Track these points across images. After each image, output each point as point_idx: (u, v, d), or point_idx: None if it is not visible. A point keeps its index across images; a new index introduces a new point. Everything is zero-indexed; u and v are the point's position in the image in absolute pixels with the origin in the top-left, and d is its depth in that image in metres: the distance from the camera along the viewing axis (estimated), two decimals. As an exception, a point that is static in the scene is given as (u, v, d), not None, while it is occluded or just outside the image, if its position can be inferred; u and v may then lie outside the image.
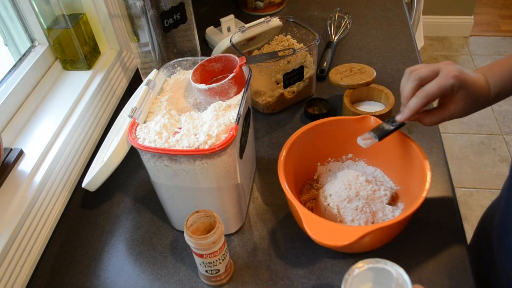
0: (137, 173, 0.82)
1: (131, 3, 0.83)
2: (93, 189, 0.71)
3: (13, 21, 0.85)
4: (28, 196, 0.66)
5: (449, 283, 0.61)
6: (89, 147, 0.84)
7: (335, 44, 1.05)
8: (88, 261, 0.69)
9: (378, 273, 0.49)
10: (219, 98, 0.65)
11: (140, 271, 0.67)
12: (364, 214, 0.64)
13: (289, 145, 0.66)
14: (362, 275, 0.49)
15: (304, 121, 0.90)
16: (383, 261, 0.49)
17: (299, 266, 0.55)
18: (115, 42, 0.96)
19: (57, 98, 0.84)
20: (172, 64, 0.72)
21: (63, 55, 0.88)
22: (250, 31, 0.91)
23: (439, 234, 0.67)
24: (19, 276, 0.63)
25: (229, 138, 0.56)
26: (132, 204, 0.77)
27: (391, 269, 0.48)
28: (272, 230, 0.70)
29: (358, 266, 0.49)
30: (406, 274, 0.47)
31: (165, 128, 0.60)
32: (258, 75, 0.87)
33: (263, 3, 1.21)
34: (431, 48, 2.68)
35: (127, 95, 0.97)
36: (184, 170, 0.59)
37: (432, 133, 0.83)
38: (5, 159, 0.69)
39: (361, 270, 0.49)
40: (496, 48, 2.64)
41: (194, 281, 0.65)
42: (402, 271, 0.48)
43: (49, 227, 0.71)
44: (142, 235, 0.72)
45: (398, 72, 0.99)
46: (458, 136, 2.12)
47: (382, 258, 0.49)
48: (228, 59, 0.69)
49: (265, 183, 0.78)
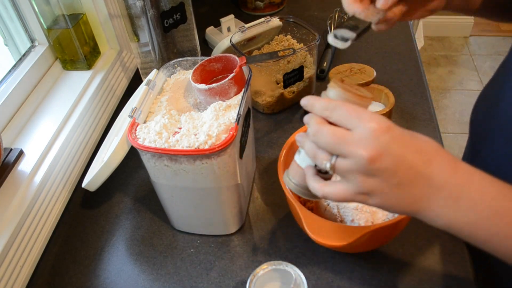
0: (137, 173, 0.82)
1: (131, 3, 0.83)
2: (93, 189, 0.71)
3: (13, 21, 0.85)
4: (28, 196, 0.66)
5: (450, 283, 0.61)
6: (89, 147, 0.84)
7: (335, 44, 1.05)
8: (88, 261, 0.69)
9: (281, 274, 0.55)
10: (219, 98, 0.65)
11: (140, 271, 0.67)
12: (364, 214, 0.64)
13: (289, 145, 0.66)
14: (267, 275, 0.55)
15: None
16: (285, 263, 0.55)
17: (299, 266, 0.55)
18: (115, 42, 0.96)
19: (57, 98, 0.84)
20: (172, 64, 0.72)
21: (63, 55, 0.88)
22: (250, 31, 0.91)
23: (439, 234, 0.67)
24: (19, 276, 0.63)
25: (229, 138, 0.56)
26: (132, 204, 0.77)
27: (291, 270, 0.54)
28: (272, 230, 0.70)
29: (263, 267, 0.55)
30: (303, 276, 0.53)
31: (165, 128, 0.60)
32: (258, 75, 0.87)
33: (263, 3, 1.21)
34: (431, 48, 2.68)
35: (127, 95, 0.97)
36: (184, 170, 0.59)
37: (432, 133, 0.83)
38: (5, 159, 0.69)
39: (265, 271, 0.55)
40: (496, 48, 2.64)
41: (194, 281, 0.65)
42: (300, 273, 0.54)
43: (49, 227, 0.71)
44: (142, 235, 0.72)
45: (398, 72, 0.99)
46: (458, 136, 2.12)
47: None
48: (228, 59, 0.69)
49: (265, 183, 0.78)
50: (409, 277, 0.62)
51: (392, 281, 0.62)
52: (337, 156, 0.42)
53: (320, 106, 0.43)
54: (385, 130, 0.40)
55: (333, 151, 0.42)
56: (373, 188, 0.41)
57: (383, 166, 0.39)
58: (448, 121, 2.22)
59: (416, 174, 0.40)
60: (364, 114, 0.41)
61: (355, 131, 0.40)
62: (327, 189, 0.43)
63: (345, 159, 0.41)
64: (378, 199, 0.41)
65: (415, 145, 0.41)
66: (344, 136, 0.41)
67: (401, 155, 0.40)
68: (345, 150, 0.40)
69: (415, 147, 0.41)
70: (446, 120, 2.22)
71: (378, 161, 0.39)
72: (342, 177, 0.43)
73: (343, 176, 0.42)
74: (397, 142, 0.40)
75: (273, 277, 0.55)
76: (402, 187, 0.40)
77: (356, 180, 0.41)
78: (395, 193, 0.40)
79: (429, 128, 0.84)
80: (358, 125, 0.40)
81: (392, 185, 0.40)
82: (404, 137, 0.41)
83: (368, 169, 0.40)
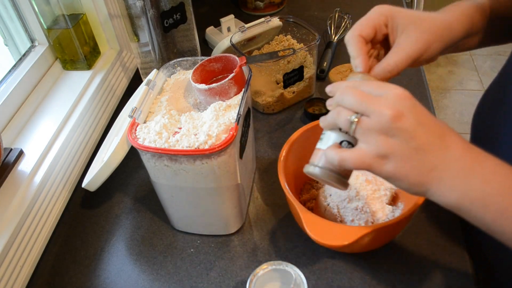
0: (137, 173, 0.82)
1: (131, 3, 0.83)
2: (93, 189, 0.71)
3: (13, 21, 0.85)
4: (28, 196, 0.66)
5: (450, 283, 0.61)
6: (89, 147, 0.84)
7: (335, 44, 1.05)
8: (88, 261, 0.69)
9: (281, 274, 0.55)
10: (219, 98, 0.65)
11: (140, 271, 0.67)
12: (364, 214, 0.64)
13: (289, 145, 0.66)
14: (267, 275, 0.55)
15: (304, 121, 0.90)
16: (285, 263, 0.55)
17: (299, 266, 0.55)
18: (115, 42, 0.96)
19: (57, 98, 0.84)
20: (172, 64, 0.72)
21: (63, 55, 0.88)
22: (250, 31, 0.91)
23: (439, 234, 0.67)
24: (19, 276, 0.63)
25: (229, 138, 0.56)
26: (132, 204, 0.77)
27: (291, 270, 0.54)
28: (272, 230, 0.70)
29: (263, 267, 0.55)
30: (303, 276, 0.53)
31: (165, 128, 0.60)
32: (258, 75, 0.87)
33: (263, 3, 1.21)
34: (431, 48, 2.67)
35: (127, 95, 0.97)
36: (184, 170, 0.59)
37: (432, 133, 0.83)
38: (5, 159, 0.69)
39: (265, 271, 0.55)
40: (496, 48, 2.64)
41: (194, 281, 0.65)
42: (300, 273, 0.54)
43: (49, 227, 0.71)
44: (142, 235, 0.72)
45: (398, 72, 0.98)
46: (458, 136, 2.12)
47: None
48: (228, 59, 0.69)
49: (265, 183, 0.78)
50: (409, 277, 0.62)
51: (392, 281, 0.62)
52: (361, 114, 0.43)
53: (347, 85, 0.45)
54: (409, 97, 0.42)
55: (358, 109, 0.43)
56: (392, 150, 0.41)
57: (404, 126, 0.41)
58: (448, 121, 2.22)
59: (433, 142, 0.42)
60: (390, 85, 0.43)
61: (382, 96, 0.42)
62: (345, 154, 0.44)
63: (368, 118, 0.42)
64: (394, 164, 0.42)
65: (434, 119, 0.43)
66: (370, 96, 0.43)
67: (422, 120, 0.42)
68: (370, 108, 0.42)
69: (433, 120, 0.43)
70: (446, 120, 2.22)
71: (400, 120, 0.41)
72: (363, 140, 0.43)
73: (365, 137, 0.43)
74: (419, 110, 0.42)
75: (273, 277, 0.55)
76: (419, 152, 0.41)
77: (377, 140, 0.42)
78: (411, 157, 0.41)
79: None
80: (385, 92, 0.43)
81: (410, 148, 0.41)
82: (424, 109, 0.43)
83: (390, 128, 0.41)
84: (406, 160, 0.41)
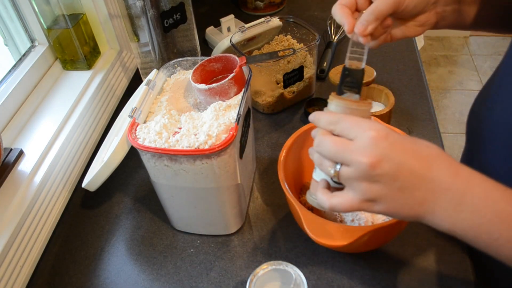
0: (137, 173, 0.82)
1: (131, 3, 0.83)
2: (93, 189, 0.71)
3: (13, 21, 0.85)
4: (28, 196, 0.66)
5: (450, 283, 0.61)
6: (89, 147, 0.84)
7: (335, 44, 1.05)
8: (88, 261, 0.69)
9: (281, 274, 0.55)
10: (219, 98, 0.65)
11: (140, 271, 0.67)
12: (364, 214, 0.64)
13: (289, 145, 0.66)
14: (267, 275, 0.55)
15: (304, 121, 0.90)
16: (285, 263, 0.55)
17: (299, 266, 0.55)
18: (115, 42, 0.96)
19: (57, 98, 0.84)
20: (172, 64, 0.72)
21: (63, 55, 0.88)
22: (250, 31, 0.91)
23: (439, 234, 0.67)
24: (19, 276, 0.63)
25: (229, 138, 0.56)
26: (132, 204, 0.77)
27: (291, 270, 0.54)
28: (272, 230, 0.70)
29: (263, 267, 0.55)
30: (303, 276, 0.53)
31: (165, 128, 0.60)
32: (258, 75, 0.87)
33: (263, 3, 1.21)
34: (431, 48, 2.68)
35: (127, 95, 0.97)
36: (184, 170, 0.59)
37: (432, 133, 0.83)
38: (5, 159, 0.69)
39: (265, 271, 0.55)
40: (496, 48, 2.64)
41: (194, 281, 0.65)
42: (300, 273, 0.54)
43: (49, 227, 0.71)
44: (142, 235, 0.72)
45: (398, 72, 0.99)
46: (458, 136, 2.12)
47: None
48: (228, 59, 0.69)
49: (265, 183, 0.78)
50: (409, 277, 0.62)
51: (392, 281, 0.62)
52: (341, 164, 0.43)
53: (325, 121, 0.46)
54: (384, 137, 0.41)
55: (335, 160, 0.43)
56: (377, 194, 0.42)
57: (384, 171, 0.41)
58: (448, 121, 2.22)
59: (418, 177, 0.41)
60: (363, 123, 0.43)
61: (356, 140, 0.42)
62: (334, 200, 0.45)
63: (348, 167, 0.42)
64: (383, 205, 0.43)
65: (415, 150, 0.42)
66: (344, 145, 0.43)
67: (400, 160, 0.41)
68: (346, 158, 0.42)
69: (415, 152, 0.42)
70: (446, 120, 2.22)
71: (379, 167, 0.40)
72: (348, 186, 0.44)
73: (349, 185, 0.44)
74: (396, 148, 0.41)
75: (273, 277, 0.55)
76: (405, 191, 0.41)
77: (360, 187, 0.42)
78: (398, 198, 0.42)
79: (429, 128, 0.84)
80: (359, 134, 0.42)
81: (395, 189, 0.41)
82: (403, 143, 0.42)
83: (370, 175, 0.41)
84: (393, 200, 0.42)
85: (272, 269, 0.55)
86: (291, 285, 0.54)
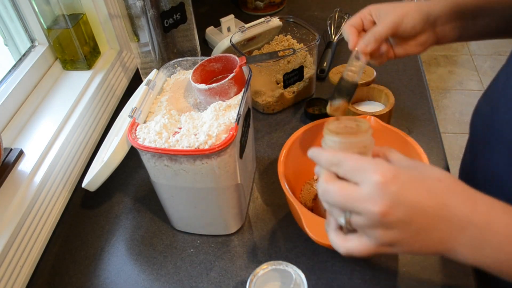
0: (137, 173, 0.82)
1: (131, 3, 0.83)
2: (93, 189, 0.71)
3: (13, 21, 0.85)
4: (28, 196, 0.66)
5: (450, 283, 0.61)
6: (89, 147, 0.84)
7: (335, 44, 1.05)
8: (88, 261, 0.69)
9: (281, 274, 0.55)
10: (219, 98, 0.65)
11: (140, 271, 0.67)
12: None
13: (289, 145, 0.66)
14: (267, 275, 0.55)
15: (304, 121, 0.90)
16: (285, 263, 0.55)
17: (299, 266, 0.55)
18: (115, 42, 0.96)
19: (57, 98, 0.84)
20: (172, 64, 0.72)
21: (63, 55, 0.88)
22: (250, 31, 0.91)
23: (439, 234, 0.67)
24: (19, 276, 0.63)
25: (229, 138, 0.56)
26: (132, 204, 0.77)
27: (291, 270, 0.54)
28: (272, 230, 0.70)
29: (263, 267, 0.55)
30: (303, 276, 0.53)
31: (165, 128, 0.60)
32: (258, 75, 0.87)
33: (263, 3, 1.21)
34: (431, 48, 2.67)
35: (127, 95, 0.97)
36: (184, 170, 0.59)
37: (432, 133, 0.83)
38: (5, 159, 0.69)
39: (265, 271, 0.55)
40: (496, 48, 2.64)
41: (194, 281, 0.65)
42: (300, 272, 0.54)
43: (49, 227, 0.71)
44: (142, 235, 0.72)
45: (398, 72, 0.99)
46: (458, 136, 2.12)
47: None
48: (228, 59, 0.69)
49: (265, 183, 0.78)
50: (409, 277, 0.62)
51: (392, 281, 0.62)
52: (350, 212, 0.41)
53: (325, 161, 0.43)
54: (391, 180, 0.39)
55: (344, 209, 0.41)
56: (394, 239, 0.40)
57: (396, 217, 0.38)
58: (448, 121, 2.22)
59: (433, 218, 0.39)
60: (367, 165, 0.40)
61: (362, 186, 0.39)
62: (349, 246, 0.43)
63: (358, 216, 0.40)
64: (402, 248, 0.41)
65: (426, 187, 0.40)
66: (351, 194, 0.40)
67: (412, 203, 0.39)
68: (355, 207, 0.40)
69: (426, 191, 0.39)
70: (446, 120, 2.22)
71: (391, 214, 0.38)
72: (362, 233, 0.42)
73: (362, 231, 0.42)
74: (406, 189, 0.39)
75: (273, 277, 0.55)
76: (422, 233, 0.39)
77: (375, 235, 0.40)
78: (416, 240, 0.40)
79: (429, 128, 0.84)
80: (364, 178, 0.39)
81: (411, 232, 0.39)
82: (413, 181, 0.40)
83: (383, 223, 0.39)
84: (411, 243, 0.40)
85: (272, 269, 0.55)
86: (291, 285, 0.54)
